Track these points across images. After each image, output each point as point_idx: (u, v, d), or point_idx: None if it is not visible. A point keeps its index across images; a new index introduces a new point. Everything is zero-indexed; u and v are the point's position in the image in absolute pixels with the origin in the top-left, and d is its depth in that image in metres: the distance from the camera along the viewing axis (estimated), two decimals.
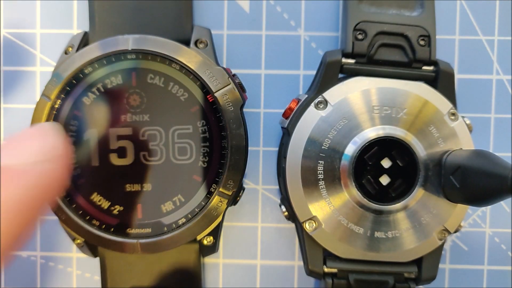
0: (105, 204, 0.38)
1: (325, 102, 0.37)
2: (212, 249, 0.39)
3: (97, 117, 0.37)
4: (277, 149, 0.43)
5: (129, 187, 0.38)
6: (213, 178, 0.37)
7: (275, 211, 0.43)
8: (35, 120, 0.37)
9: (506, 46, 0.43)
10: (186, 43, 0.38)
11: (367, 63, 0.38)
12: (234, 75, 0.39)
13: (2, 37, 0.43)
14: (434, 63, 0.38)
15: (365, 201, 0.36)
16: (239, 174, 0.37)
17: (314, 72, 0.41)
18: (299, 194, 0.37)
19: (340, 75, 0.39)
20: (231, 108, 0.37)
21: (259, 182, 0.43)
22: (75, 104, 0.37)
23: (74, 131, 0.37)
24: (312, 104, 0.37)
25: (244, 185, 0.42)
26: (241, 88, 0.38)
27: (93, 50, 0.37)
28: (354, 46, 0.38)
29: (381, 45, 0.38)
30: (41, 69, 0.43)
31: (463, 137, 0.37)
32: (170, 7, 0.39)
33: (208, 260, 0.44)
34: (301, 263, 0.43)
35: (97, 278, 0.44)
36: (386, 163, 0.37)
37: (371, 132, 0.36)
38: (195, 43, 0.39)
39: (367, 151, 0.37)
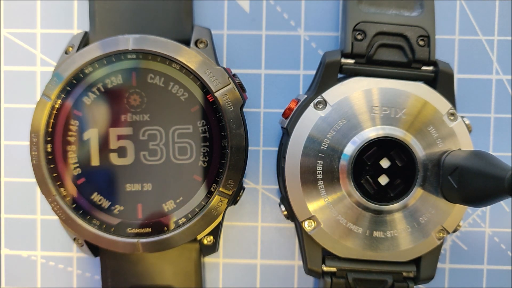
0: (106, 204, 0.38)
1: (324, 102, 0.37)
2: (212, 248, 0.39)
3: (97, 117, 0.38)
4: (277, 149, 0.43)
5: (129, 187, 0.38)
6: (213, 177, 0.38)
7: (275, 211, 0.43)
8: (35, 120, 0.37)
9: (506, 46, 0.43)
10: (186, 43, 0.38)
11: (367, 63, 0.38)
12: (234, 75, 0.39)
13: (2, 37, 0.43)
14: (434, 63, 0.38)
15: (363, 201, 0.36)
16: (239, 174, 0.37)
17: (314, 72, 0.41)
18: (298, 194, 0.37)
19: (340, 75, 0.39)
20: (231, 108, 0.37)
21: (259, 182, 0.43)
22: (75, 104, 0.38)
23: (74, 131, 0.38)
24: (312, 104, 0.37)
25: (244, 185, 0.42)
26: (241, 88, 0.38)
27: (94, 50, 0.37)
28: (354, 46, 0.38)
29: (380, 45, 0.38)
30: (41, 69, 0.43)
31: (462, 137, 0.37)
32: (170, 7, 0.39)
33: (208, 259, 0.44)
34: (301, 262, 0.43)
35: (98, 277, 0.44)
36: (385, 163, 0.37)
37: (370, 132, 0.36)
38: (195, 43, 0.39)
39: (366, 151, 0.37)
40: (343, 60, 0.38)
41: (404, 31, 0.38)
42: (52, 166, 0.38)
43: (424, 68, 0.39)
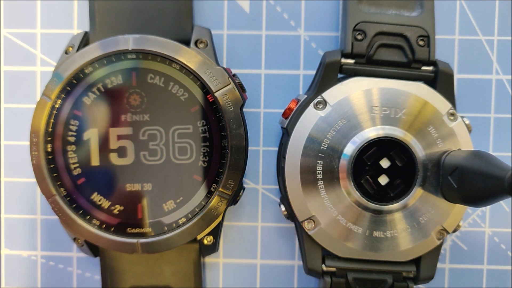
0: (106, 204, 0.38)
1: (324, 102, 0.37)
2: (212, 248, 0.39)
3: (97, 117, 0.38)
4: (277, 149, 0.43)
5: (129, 187, 0.38)
6: (213, 177, 0.38)
7: (275, 211, 0.43)
8: (35, 120, 0.37)
9: (506, 46, 0.43)
10: (186, 43, 0.38)
11: (367, 63, 0.38)
12: (234, 75, 0.39)
13: (2, 37, 0.43)
14: (433, 63, 0.38)
15: (363, 200, 0.36)
16: (239, 174, 0.37)
17: (314, 72, 0.41)
18: (298, 194, 0.37)
19: (340, 75, 0.39)
20: (231, 108, 0.37)
21: (259, 182, 0.43)
22: (75, 104, 0.38)
23: (74, 130, 0.38)
24: (311, 104, 0.37)
25: (244, 185, 0.42)
26: (241, 88, 0.38)
27: (94, 50, 0.37)
28: (354, 46, 0.38)
29: (380, 45, 0.38)
30: (42, 69, 0.43)
31: (462, 137, 0.37)
32: (170, 7, 0.39)
33: (208, 259, 0.44)
34: (301, 262, 0.43)
35: (97, 277, 0.44)
36: (384, 163, 0.37)
37: (370, 132, 0.36)
38: (195, 43, 0.39)
39: (366, 151, 0.37)
40: (343, 60, 0.38)
41: (404, 31, 0.38)
42: (52, 166, 0.38)
43: (424, 68, 0.39)
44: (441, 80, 0.38)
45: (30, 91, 0.43)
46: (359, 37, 0.38)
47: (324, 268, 0.38)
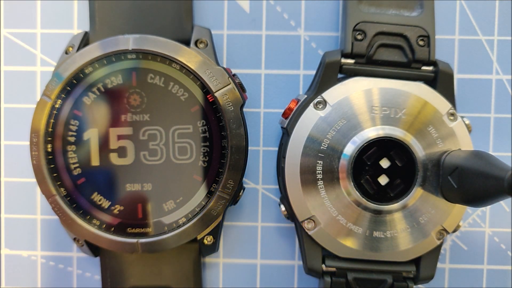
0: (106, 204, 0.38)
1: (324, 102, 0.37)
2: (212, 248, 0.39)
3: (97, 117, 0.38)
4: (277, 149, 0.43)
5: (129, 187, 0.38)
6: (213, 177, 0.38)
7: (275, 211, 0.43)
8: (35, 120, 0.37)
9: (505, 46, 0.43)
10: (186, 43, 0.38)
11: (366, 63, 0.38)
12: (234, 75, 0.39)
13: (2, 37, 0.43)
14: (433, 63, 0.38)
15: (363, 200, 0.36)
16: (239, 174, 0.37)
17: (314, 72, 0.41)
18: (298, 194, 0.37)
19: (340, 75, 0.39)
20: (231, 108, 0.37)
21: (259, 182, 0.43)
22: (75, 104, 0.38)
23: (74, 130, 0.38)
24: (311, 104, 0.37)
25: (244, 185, 0.42)
26: (241, 88, 0.38)
27: (94, 50, 0.37)
28: (354, 46, 0.38)
29: (380, 45, 0.38)
30: (42, 69, 0.43)
31: (462, 137, 0.37)
32: (170, 7, 0.39)
33: (208, 259, 0.44)
34: (301, 262, 0.43)
35: (98, 277, 0.44)
36: (384, 163, 0.37)
37: (370, 132, 0.36)
38: (195, 43, 0.39)
39: (366, 151, 0.37)
40: (343, 60, 0.38)
41: (404, 31, 0.38)
42: (52, 166, 0.38)
43: (424, 68, 0.39)
44: (441, 80, 0.38)
45: (30, 91, 0.43)
46: (359, 37, 0.38)
47: (324, 268, 0.39)
